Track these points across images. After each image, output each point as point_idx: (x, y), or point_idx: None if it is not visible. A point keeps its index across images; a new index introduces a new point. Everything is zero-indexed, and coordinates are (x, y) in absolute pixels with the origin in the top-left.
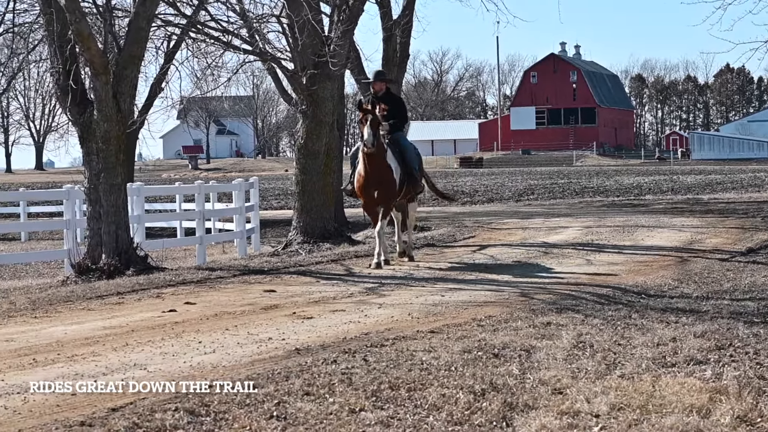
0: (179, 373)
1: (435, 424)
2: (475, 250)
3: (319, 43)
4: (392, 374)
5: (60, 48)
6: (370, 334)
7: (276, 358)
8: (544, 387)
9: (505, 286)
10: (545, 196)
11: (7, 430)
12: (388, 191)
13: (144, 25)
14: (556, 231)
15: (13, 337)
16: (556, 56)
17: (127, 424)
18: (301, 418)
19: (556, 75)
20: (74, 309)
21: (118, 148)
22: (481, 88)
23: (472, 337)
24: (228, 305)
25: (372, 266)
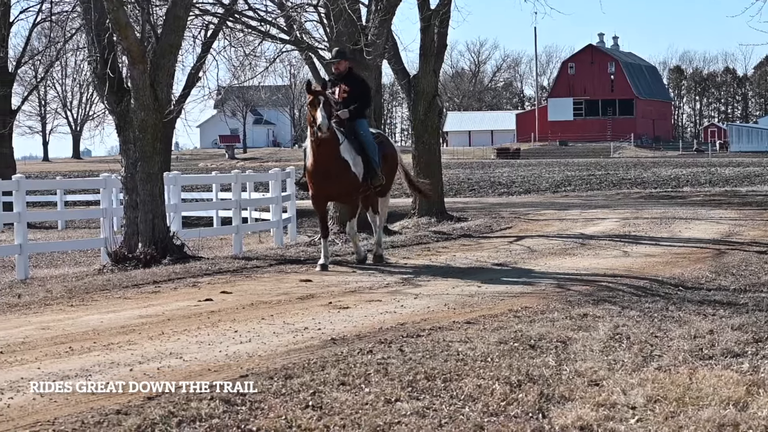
0: (215, 362)
1: (471, 415)
2: (511, 241)
3: (356, 33)
4: (428, 365)
5: (97, 37)
6: (406, 324)
7: (312, 348)
8: (581, 378)
9: (542, 277)
10: (582, 187)
11: (43, 418)
12: (348, 187)
13: (182, 14)
14: (593, 222)
15: (50, 325)
16: (594, 47)
17: (163, 412)
18: (336, 407)
19: (593, 66)
20: (110, 297)
21: (155, 137)
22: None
23: (508, 328)
24: (264, 294)
25: (318, 268)
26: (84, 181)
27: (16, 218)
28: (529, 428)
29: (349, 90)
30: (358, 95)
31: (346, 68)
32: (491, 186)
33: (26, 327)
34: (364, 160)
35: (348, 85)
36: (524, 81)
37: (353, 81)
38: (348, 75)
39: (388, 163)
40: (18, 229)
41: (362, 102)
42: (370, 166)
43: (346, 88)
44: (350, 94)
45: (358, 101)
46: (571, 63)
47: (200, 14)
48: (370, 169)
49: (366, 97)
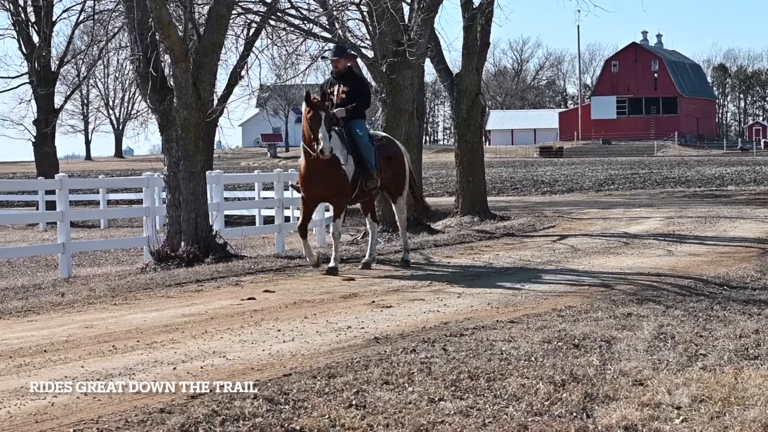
0: (258, 361)
1: (514, 415)
2: (555, 240)
3: (399, 31)
4: (472, 364)
5: (140, 35)
6: (450, 323)
7: (355, 347)
8: (625, 378)
9: (585, 276)
10: (626, 186)
11: (87, 417)
12: (336, 186)
13: (224, 13)
14: (637, 221)
15: (93, 324)
16: (637, 45)
17: (206, 411)
18: (380, 407)
19: (637, 64)
20: (153, 296)
21: (197, 135)
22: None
23: (552, 327)
24: (307, 293)
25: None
26: (126, 179)
27: (59, 217)
28: (573, 428)
29: (348, 90)
30: (356, 95)
31: (346, 66)
32: (534, 185)
33: (70, 326)
34: (358, 160)
35: (347, 84)
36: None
37: (353, 80)
38: (347, 74)
39: (392, 164)
40: (61, 228)
41: (361, 102)
42: (364, 168)
43: (344, 89)
44: (349, 95)
45: (356, 101)
46: (615, 61)
47: (243, 13)
48: (365, 170)
49: (365, 97)
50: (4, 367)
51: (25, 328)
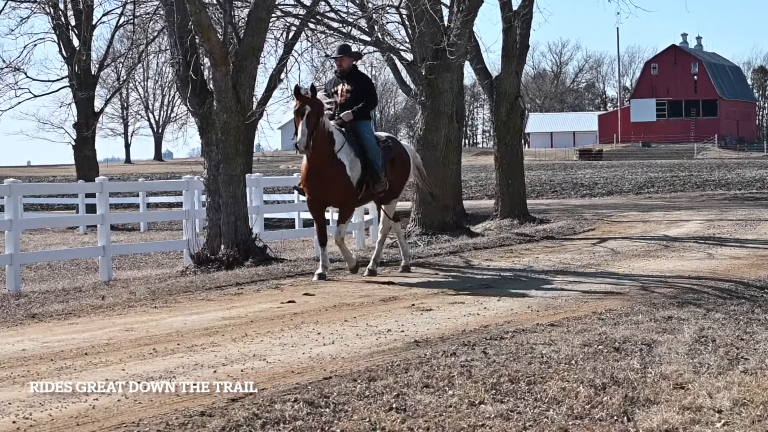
0: (298, 364)
1: (555, 418)
2: (594, 243)
3: (438, 34)
4: (512, 367)
5: (180, 39)
6: (490, 326)
7: (395, 350)
8: (666, 381)
9: (626, 279)
10: (666, 188)
11: (128, 420)
12: (341, 190)
13: (264, 16)
14: (677, 224)
15: (134, 327)
16: (677, 47)
17: (247, 414)
18: (420, 410)
19: (676, 67)
20: (193, 299)
21: (237, 138)
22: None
23: (592, 330)
24: (346, 296)
25: (315, 277)
26: (166, 183)
27: (100, 220)
28: (614, 431)
29: (353, 89)
30: (362, 94)
31: (350, 65)
32: (573, 187)
33: (110, 328)
34: (365, 164)
35: (352, 83)
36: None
37: (357, 79)
38: (352, 72)
39: (396, 168)
40: (101, 231)
41: (366, 102)
42: (372, 171)
43: (349, 87)
44: (353, 94)
45: (361, 101)
46: (654, 63)
47: (282, 16)
48: (373, 173)
49: (370, 97)
50: (45, 370)
51: (66, 331)
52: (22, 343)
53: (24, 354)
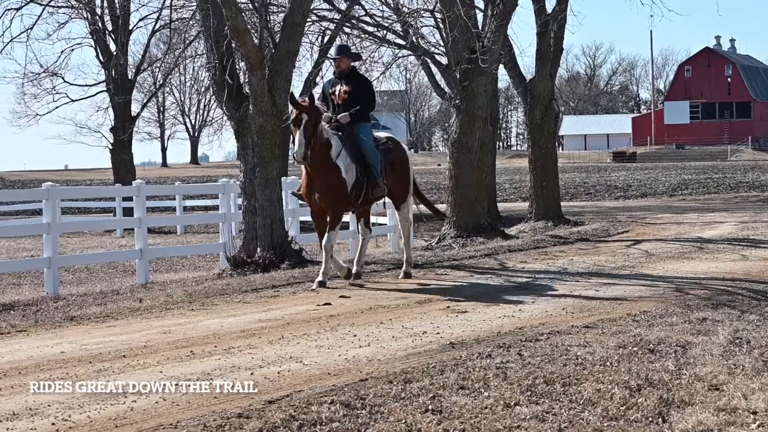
0: (335, 366)
1: (590, 419)
2: (628, 245)
3: (472, 38)
4: (547, 369)
5: (216, 43)
6: (525, 328)
7: (430, 352)
8: (701, 383)
9: (660, 281)
10: (699, 191)
11: (166, 421)
12: (334, 194)
13: (299, 20)
14: (711, 226)
15: (171, 330)
16: (710, 50)
17: (284, 416)
18: (456, 411)
19: (710, 69)
20: (230, 302)
21: (273, 142)
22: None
23: (626, 332)
24: (382, 299)
25: (315, 285)
26: (202, 186)
27: (137, 223)
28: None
29: (351, 90)
30: (360, 96)
31: (349, 66)
32: (607, 190)
33: (148, 331)
34: (364, 168)
35: (350, 84)
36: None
37: (356, 80)
38: (351, 74)
39: (396, 170)
40: (138, 234)
41: (365, 104)
42: (370, 175)
43: (347, 89)
44: (351, 95)
45: (360, 103)
46: (688, 66)
47: (317, 20)
48: (371, 178)
49: (369, 99)
50: (84, 372)
51: (104, 334)
52: (61, 345)
53: (63, 356)
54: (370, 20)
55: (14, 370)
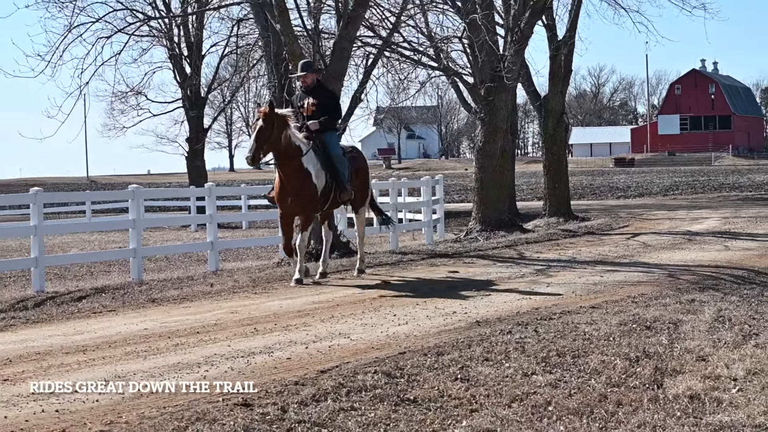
0: (377, 341)
1: (596, 386)
2: (628, 238)
3: (495, 60)
4: (559, 343)
5: (276, 66)
6: (540, 308)
7: (459, 329)
8: (690, 355)
9: (655, 268)
10: (688, 191)
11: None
12: (305, 198)
13: (346, 46)
14: (698, 221)
15: (237, 310)
16: (696, 71)
17: (334, 383)
18: (481, 380)
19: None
20: (288, 286)
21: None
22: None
23: (627, 311)
24: (418, 284)
25: (292, 283)
26: (264, 187)
27: (208, 219)
28: (646, 397)
29: (318, 102)
30: (327, 108)
31: (314, 81)
32: (610, 190)
33: (218, 311)
34: (333, 174)
35: (316, 97)
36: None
37: (322, 93)
38: (316, 87)
39: (360, 177)
40: (210, 229)
41: (332, 115)
42: (338, 180)
43: (314, 101)
44: (319, 107)
45: (326, 114)
46: (678, 85)
47: (362, 46)
48: (339, 183)
49: (335, 109)
50: (164, 346)
51: (181, 313)
52: (144, 323)
53: (146, 332)
54: (408, 46)
55: (105, 344)
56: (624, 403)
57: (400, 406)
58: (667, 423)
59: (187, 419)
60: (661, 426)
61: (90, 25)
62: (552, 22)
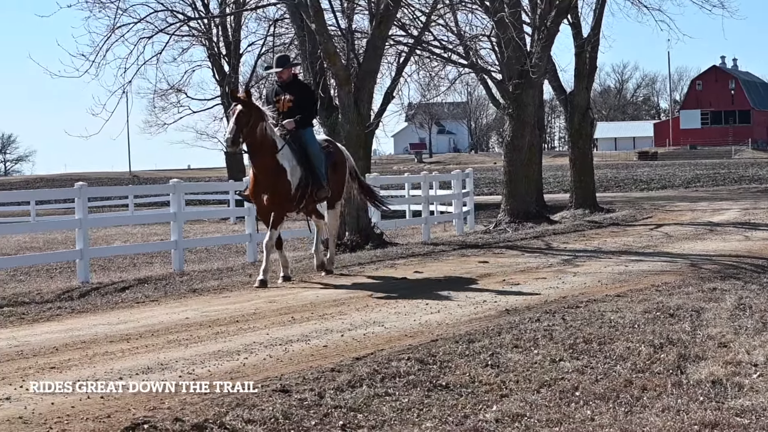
0: (410, 330)
1: (621, 372)
2: (652, 228)
3: (522, 58)
4: (586, 330)
5: (311, 64)
6: (567, 297)
7: (490, 317)
8: (712, 341)
9: (678, 257)
10: (709, 183)
11: (271, 375)
12: (278, 195)
13: (379, 44)
14: (719, 212)
15: (275, 299)
16: (717, 68)
17: (369, 370)
18: (511, 366)
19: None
20: (324, 276)
21: (358, 145)
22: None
23: (651, 300)
24: (450, 273)
25: (256, 284)
26: None
27: (247, 212)
28: (669, 383)
29: (294, 98)
30: (303, 104)
31: (290, 76)
32: (634, 183)
33: (256, 300)
34: (309, 170)
35: (293, 93)
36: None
37: (298, 89)
38: (293, 83)
39: (338, 172)
40: (248, 222)
41: (308, 110)
42: (315, 178)
43: (290, 98)
44: (295, 103)
45: (303, 110)
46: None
47: (394, 44)
48: (316, 180)
49: (311, 105)
50: (205, 334)
51: (221, 303)
52: (185, 312)
53: (187, 322)
54: (438, 44)
55: (148, 333)
56: (648, 388)
57: (433, 391)
58: (690, 407)
59: (228, 404)
60: (685, 410)
61: (132, 25)
62: (577, 21)
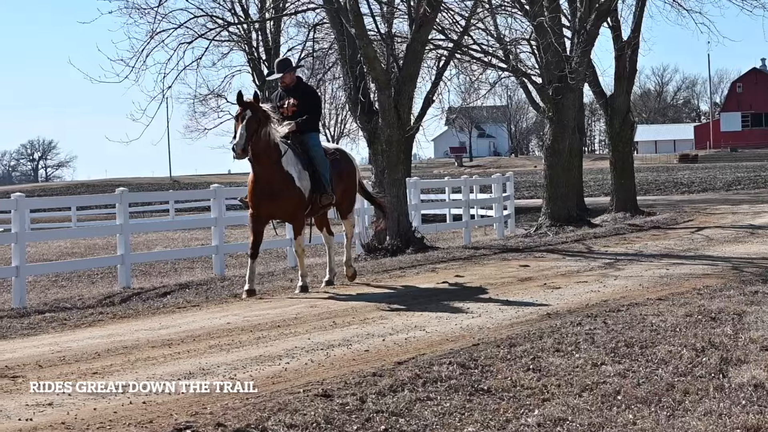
0: (452, 334)
1: (663, 376)
2: (693, 232)
3: (562, 61)
4: (627, 334)
5: (351, 68)
6: (608, 301)
7: (531, 321)
8: (754, 345)
9: (719, 260)
10: (750, 186)
11: (313, 379)
12: (291, 204)
13: (419, 49)
14: (761, 215)
15: (316, 304)
16: (757, 70)
17: (410, 374)
18: (552, 370)
19: (757, 85)
20: (365, 280)
21: (398, 149)
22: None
23: (693, 303)
24: (490, 278)
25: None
26: None
27: None
28: (711, 386)
29: (299, 102)
30: (308, 108)
31: (293, 80)
32: (674, 186)
33: (297, 305)
34: (313, 175)
35: (297, 97)
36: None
37: (303, 93)
38: (296, 87)
39: (344, 181)
40: (288, 227)
41: (312, 114)
42: (319, 183)
43: (294, 102)
44: (300, 107)
45: (308, 113)
46: (739, 83)
47: (434, 48)
48: (320, 185)
49: (316, 108)
50: (246, 339)
51: (262, 308)
52: (227, 317)
53: (228, 326)
54: (478, 48)
55: (189, 338)
56: (690, 392)
57: (475, 395)
58: (732, 411)
59: (269, 409)
60: (727, 414)
61: (172, 31)
62: (617, 24)
